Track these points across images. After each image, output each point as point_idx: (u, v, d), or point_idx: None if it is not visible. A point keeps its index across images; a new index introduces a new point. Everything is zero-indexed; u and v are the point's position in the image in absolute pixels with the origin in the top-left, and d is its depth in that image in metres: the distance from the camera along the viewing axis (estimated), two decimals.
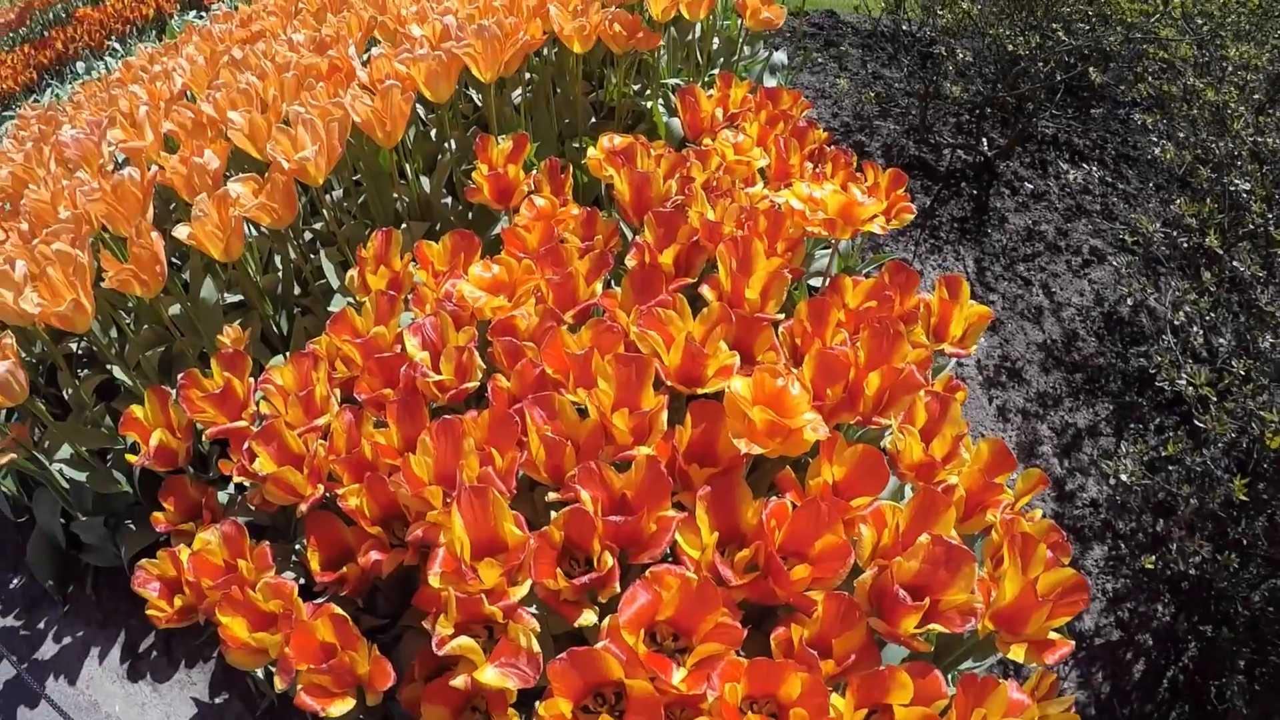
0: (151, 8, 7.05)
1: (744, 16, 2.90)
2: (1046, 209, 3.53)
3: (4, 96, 7.01)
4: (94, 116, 2.93)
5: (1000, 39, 3.23)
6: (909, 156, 3.70)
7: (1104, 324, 3.15)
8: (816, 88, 4.23)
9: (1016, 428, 2.87)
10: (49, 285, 1.99)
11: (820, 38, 4.81)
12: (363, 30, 2.73)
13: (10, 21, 9.91)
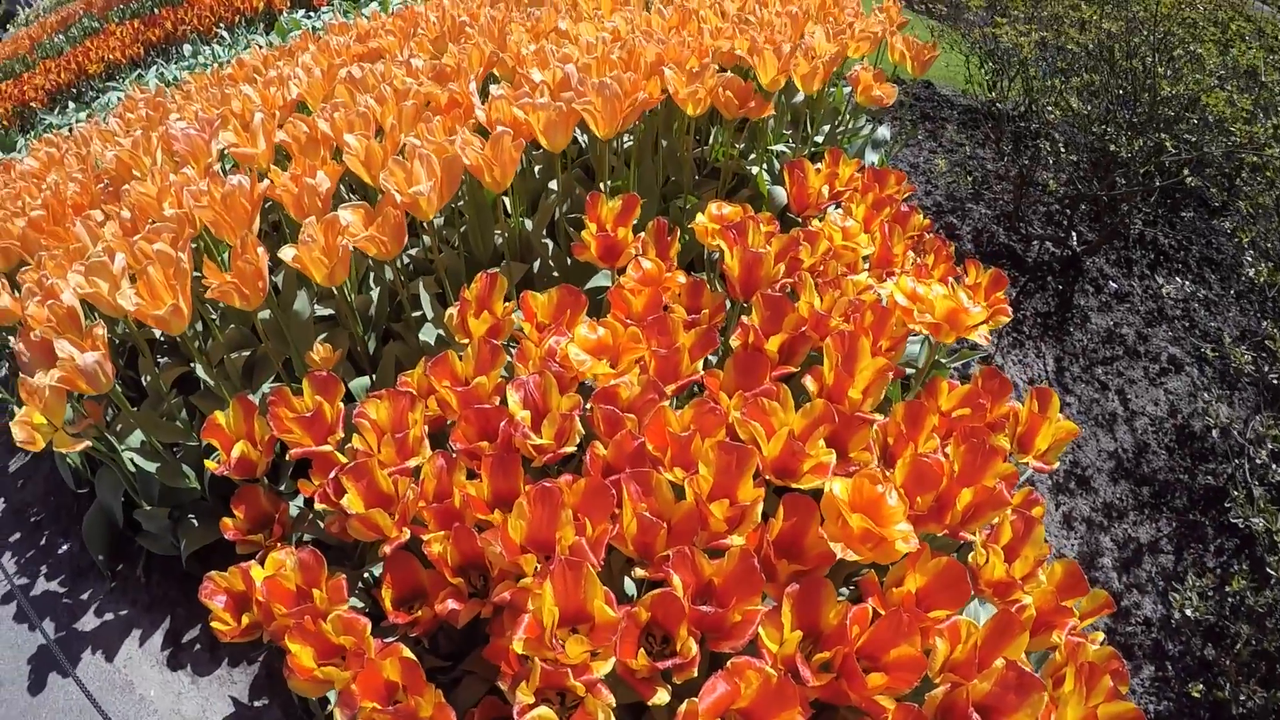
0: (263, 1, 7.22)
1: (855, 91, 2.91)
2: (1129, 311, 3.50)
3: (110, 68, 7.20)
4: (205, 113, 2.99)
5: (1103, 138, 3.20)
6: (998, 244, 3.68)
7: (1176, 437, 3.10)
8: (911, 162, 4.24)
9: (1080, 537, 2.83)
10: (148, 284, 2.03)
11: (917, 109, 4.81)
12: (483, 65, 2.76)
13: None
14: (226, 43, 6.68)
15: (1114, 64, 3.36)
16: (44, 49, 9.63)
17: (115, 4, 10.02)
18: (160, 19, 7.69)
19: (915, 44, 3.17)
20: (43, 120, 6.76)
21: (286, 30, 6.28)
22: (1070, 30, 3.57)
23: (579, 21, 3.15)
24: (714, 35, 2.95)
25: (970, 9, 4.58)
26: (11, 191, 3.26)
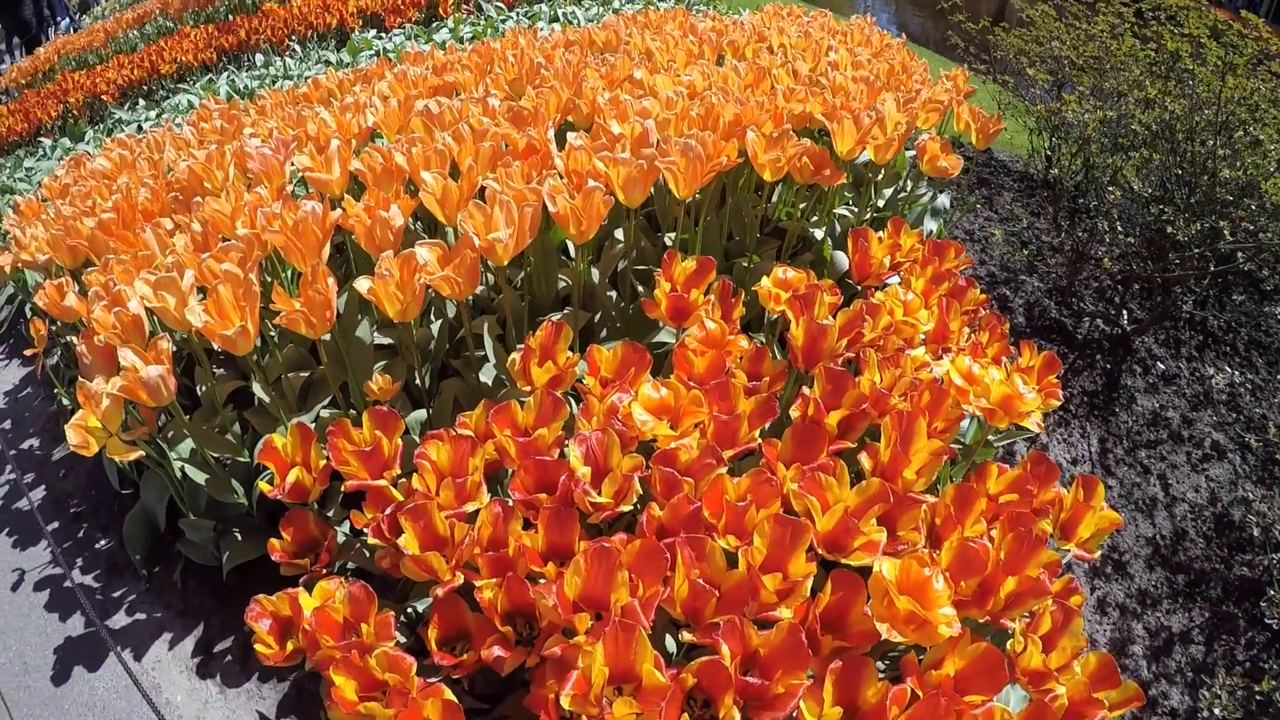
0: (335, 19, 7.35)
1: (920, 159, 2.93)
2: (1175, 394, 3.48)
3: (182, 69, 7.35)
4: (281, 133, 3.05)
5: (1160, 219, 3.20)
6: (1049, 319, 3.68)
7: (1214, 525, 3.08)
8: (966, 229, 4.25)
9: (1113, 623, 2.81)
10: (217, 303, 2.07)
11: (974, 174, 4.82)
12: (559, 110, 2.81)
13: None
14: (298, 56, 6.80)
15: (1175, 144, 3.37)
16: (118, 44, 9.85)
17: (190, 6, 10.24)
18: (235, 26, 7.83)
19: (981, 116, 3.20)
20: (112, 114, 6.88)
21: (357, 49, 6.39)
22: (1134, 108, 3.58)
23: (654, 73, 3.19)
24: (787, 96, 2.98)
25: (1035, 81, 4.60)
26: (82, 190, 3.32)
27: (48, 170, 5.71)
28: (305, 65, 6.28)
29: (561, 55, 3.47)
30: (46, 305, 2.65)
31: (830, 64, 3.58)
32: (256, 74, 6.42)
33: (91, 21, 14.07)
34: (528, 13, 7.06)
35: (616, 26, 4.02)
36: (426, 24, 7.31)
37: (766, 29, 4.22)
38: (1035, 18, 4.72)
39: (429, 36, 6.50)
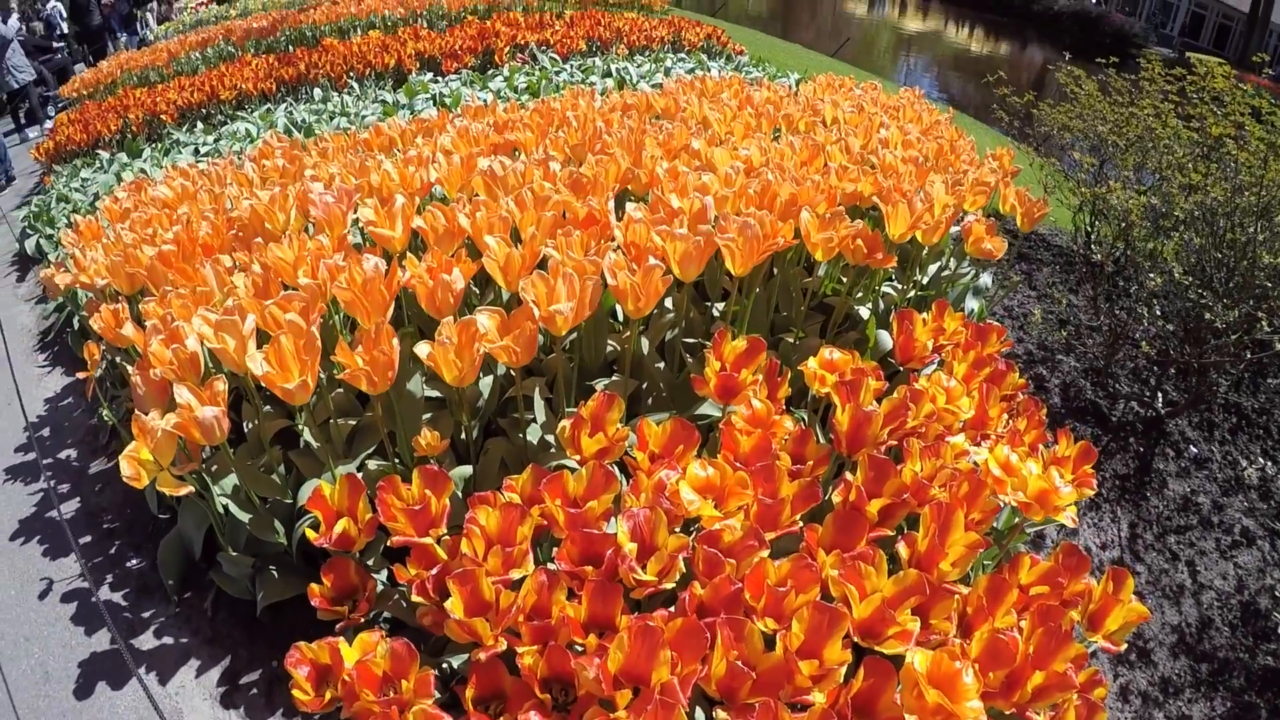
0: (394, 59, 7.51)
1: (966, 240, 2.98)
2: (1206, 478, 3.48)
3: (241, 96, 7.51)
4: (344, 181, 3.14)
5: (1199, 304, 3.22)
6: (1085, 400, 3.69)
7: (1240, 613, 3.06)
8: (1005, 305, 4.28)
9: (1134, 710, 2.80)
10: (278, 352, 2.12)
11: (1014, 248, 4.85)
12: (618, 180, 2.88)
13: (263, 29, 10.68)
14: (355, 94, 6.95)
15: (1215, 227, 3.40)
16: (180, 65, 10.10)
17: (253, 35, 10.51)
18: (295, 59, 8.01)
19: (1026, 200, 3.25)
20: (170, 134, 7.04)
21: (414, 91, 6.52)
22: (1176, 192, 3.61)
23: (712, 144, 3.27)
24: (840, 175, 3.05)
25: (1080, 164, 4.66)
26: (143, 216, 3.40)
27: (104, 184, 5.87)
28: (363, 104, 6.41)
29: (620, 119, 3.56)
30: (101, 330, 2.73)
31: (881, 141, 3.66)
32: (314, 108, 6.55)
33: (154, 40, 14.48)
34: (581, 65, 7.20)
35: (675, 94, 4.11)
36: (482, 70, 7.46)
37: (820, 101, 4.31)
38: (1079, 93, 4.78)
39: (484, 84, 6.63)
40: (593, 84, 6.43)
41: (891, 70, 22.83)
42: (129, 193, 4.02)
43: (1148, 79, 4.49)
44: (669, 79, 5.09)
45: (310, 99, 7.24)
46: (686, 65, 7.44)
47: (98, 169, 6.58)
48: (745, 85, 4.64)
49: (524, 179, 2.85)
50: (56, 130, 7.72)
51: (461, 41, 7.86)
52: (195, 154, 6.21)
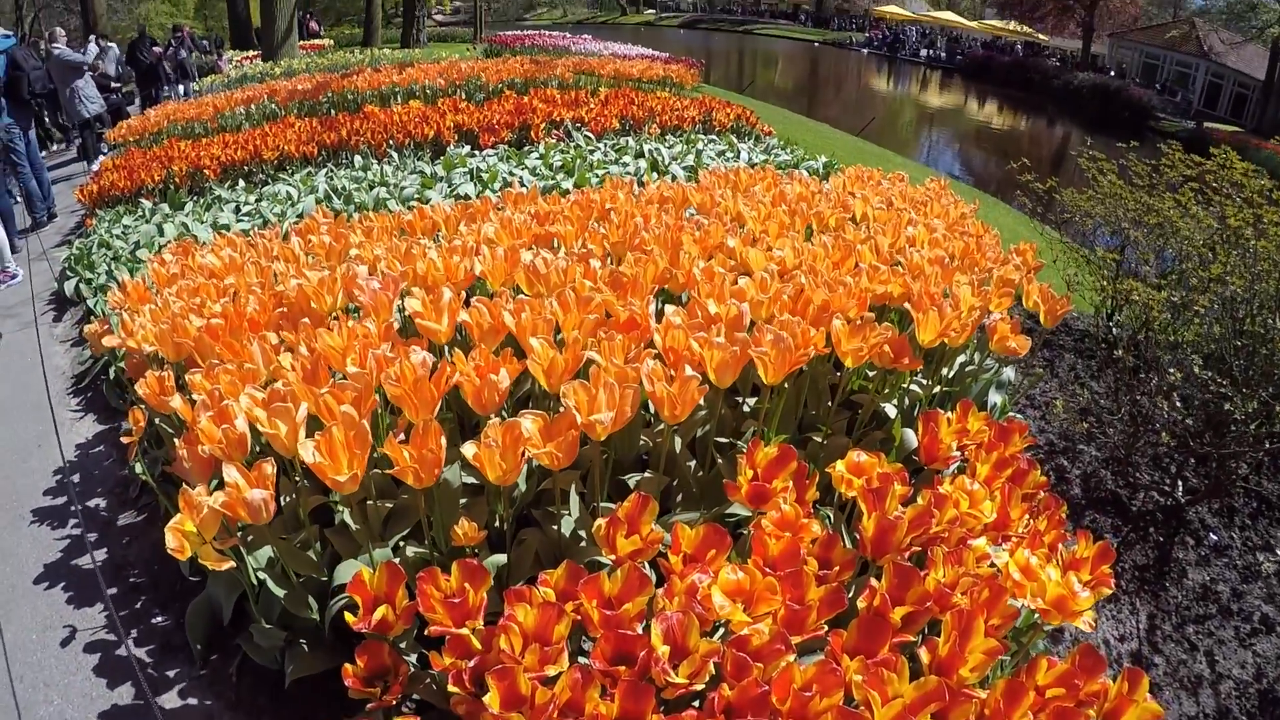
0: (433, 131, 7.74)
1: (990, 339, 3.08)
2: (1226, 566, 3.49)
3: (283, 157, 7.73)
4: (390, 267, 3.26)
5: (1219, 396, 3.28)
6: (1105, 490, 3.73)
7: (1259, 701, 3.06)
8: (1027, 394, 4.34)
9: None
10: (329, 443, 2.20)
11: (1036, 334, 4.93)
12: (656, 280, 3.00)
13: (307, 91, 11.01)
14: (395, 164, 7.15)
15: (1235, 316, 3.48)
16: (224, 120, 10.40)
17: (296, 97, 10.83)
18: (337, 124, 8.25)
19: (1050, 296, 3.35)
20: (212, 190, 7.23)
21: (452, 164, 6.72)
22: (1195, 284, 3.71)
23: (746, 243, 3.40)
24: (870, 277, 3.16)
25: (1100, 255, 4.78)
26: (190, 284, 3.51)
27: (145, 234, 6.02)
28: (402, 174, 6.60)
29: (657, 213, 3.70)
30: (146, 395, 2.82)
31: (909, 240, 3.79)
32: (354, 175, 6.74)
33: (198, 92, 14.93)
34: (615, 145, 7.39)
35: (710, 189, 4.26)
36: (518, 146, 7.67)
37: (851, 196, 4.47)
38: (1100, 181, 4.92)
39: (521, 160, 6.82)
40: (625, 164, 6.61)
41: (914, 146, 23.18)
42: (175, 256, 4.13)
43: (1168, 164, 4.64)
44: (703, 170, 5.23)
45: (350, 165, 7.45)
46: (717, 147, 7.63)
47: (139, 217, 6.76)
48: (778, 179, 4.79)
49: (566, 276, 2.96)
50: (101, 174, 7.92)
51: (499, 116, 8.10)
52: (236, 211, 6.39)
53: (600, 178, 6.18)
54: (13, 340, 5.55)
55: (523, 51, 20.11)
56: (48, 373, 4.93)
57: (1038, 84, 39.76)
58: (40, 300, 6.29)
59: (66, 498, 3.65)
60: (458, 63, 12.11)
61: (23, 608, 3.03)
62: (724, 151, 7.49)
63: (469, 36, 33.72)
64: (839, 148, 11.30)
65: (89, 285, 5.60)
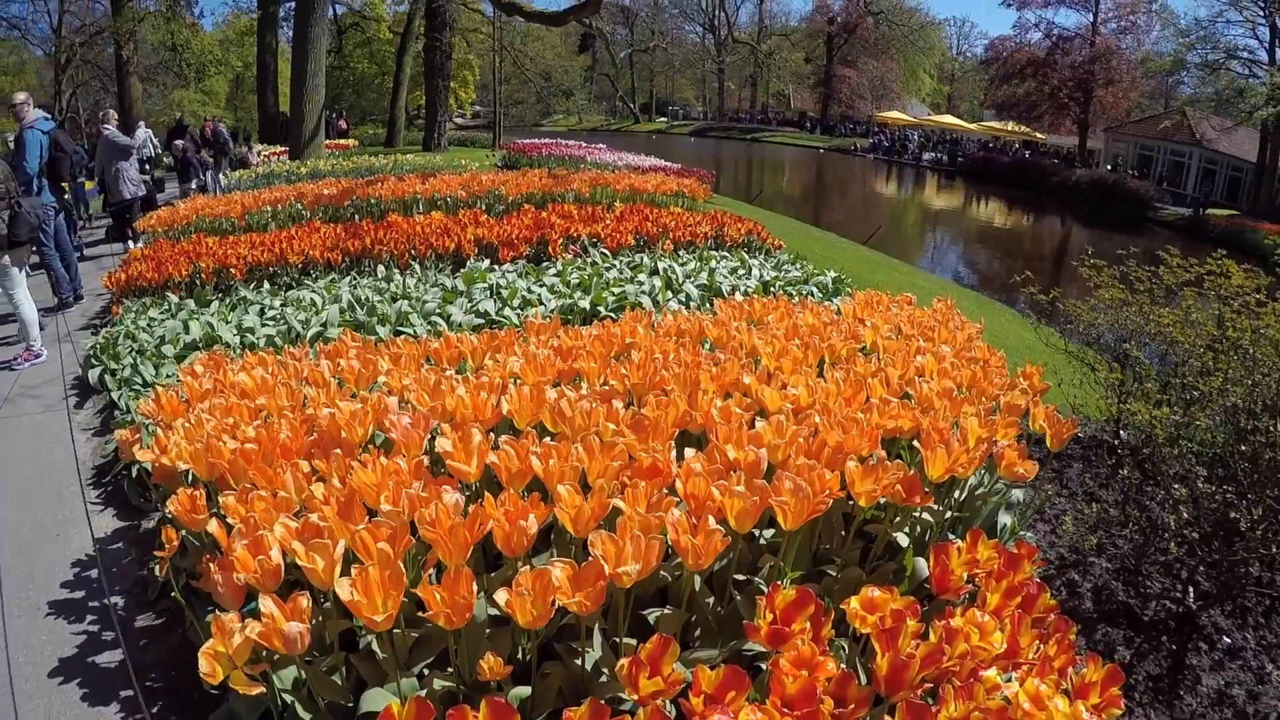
0: (454, 243, 7.98)
1: (999, 466, 3.22)
2: (1241, 668, 3.49)
3: (308, 262, 7.94)
4: (418, 398, 3.41)
5: (1226, 506, 3.34)
6: (1116, 602, 3.75)
7: None
8: (1035, 507, 4.39)
9: None
10: (365, 582, 2.30)
11: (1043, 446, 5.01)
12: (677, 423, 3.14)
13: (333, 196, 11.32)
14: (417, 276, 7.36)
15: (1237, 423, 3.58)
16: (251, 219, 10.70)
17: (322, 201, 11.14)
18: (361, 231, 8.49)
19: (1055, 420, 3.51)
20: (237, 290, 7.42)
21: (473, 279, 6.93)
22: (1197, 396, 3.82)
23: (762, 382, 3.57)
24: (881, 412, 3.32)
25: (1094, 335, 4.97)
26: (222, 403, 3.64)
27: (170, 330, 6.17)
28: (424, 288, 6.80)
29: (675, 346, 3.86)
30: (179, 514, 2.92)
31: (918, 369, 3.97)
32: (377, 286, 6.94)
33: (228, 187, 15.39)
34: (630, 263, 7.62)
35: (726, 323, 4.44)
36: (536, 261, 7.91)
37: (861, 324, 4.69)
38: (1100, 288, 5.10)
39: (539, 276, 7.03)
40: (641, 282, 6.81)
41: (920, 250, 23.56)
42: (206, 369, 4.26)
43: (1168, 269, 4.84)
44: (718, 300, 5.42)
45: (373, 273, 7.67)
46: (730, 263, 7.85)
47: (165, 311, 6.93)
48: (791, 310, 4.98)
49: (590, 419, 3.10)
50: (129, 263, 8.09)
51: (518, 231, 8.35)
52: (261, 314, 6.57)
53: (616, 296, 6.37)
54: (35, 422, 5.65)
55: (540, 162, 20.77)
56: (68, 461, 4.99)
57: (1037, 182, 40.85)
58: (62, 384, 6.41)
59: (85, 592, 3.66)
60: (478, 175, 12.50)
61: (36, 702, 3.04)
62: (736, 269, 7.70)
63: (488, 142, 34.69)
64: (847, 258, 11.57)
65: (113, 377, 5.71)
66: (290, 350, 4.48)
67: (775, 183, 38.74)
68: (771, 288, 7.20)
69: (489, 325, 5.99)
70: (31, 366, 6.83)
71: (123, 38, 32.20)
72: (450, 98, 35.80)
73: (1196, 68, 37.86)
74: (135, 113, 31.03)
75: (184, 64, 39.73)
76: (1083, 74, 45.56)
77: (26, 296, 7.01)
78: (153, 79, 42.44)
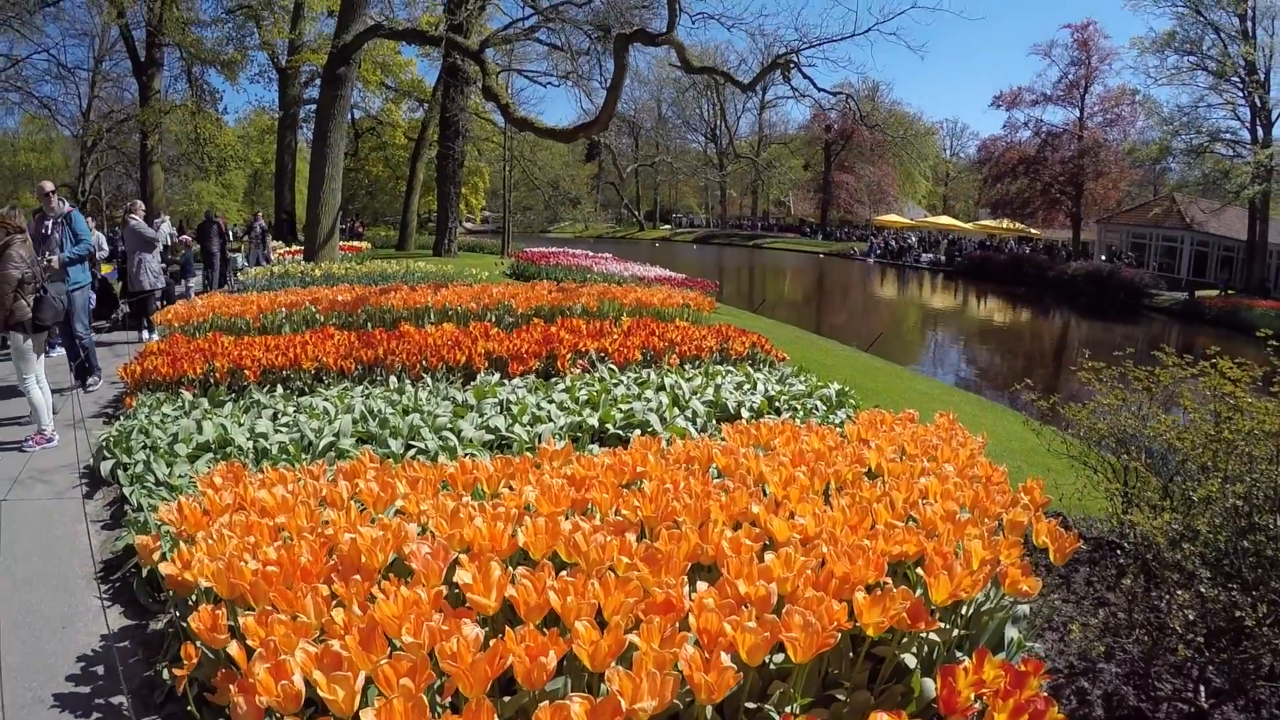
0: (465, 356, 8.16)
1: (1003, 583, 3.32)
2: None
3: (321, 369, 8.09)
4: (436, 526, 3.53)
5: (1231, 607, 3.39)
6: (1128, 708, 3.74)
7: None
8: (1043, 617, 4.41)
9: None
10: (388, 711, 2.38)
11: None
12: (688, 557, 3.25)
13: (347, 303, 11.58)
14: (428, 388, 7.51)
15: (1240, 526, 3.66)
16: (266, 320, 10.93)
17: (337, 308, 11.40)
18: (375, 340, 8.65)
19: (1058, 534, 3.64)
20: (251, 394, 7.52)
21: (483, 394, 7.08)
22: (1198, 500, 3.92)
23: (770, 511, 3.69)
24: (886, 538, 3.46)
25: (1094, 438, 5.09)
26: (243, 520, 3.74)
27: (184, 429, 6.25)
28: (435, 401, 6.95)
29: (684, 475, 4.01)
30: (199, 631, 3.00)
31: (921, 492, 4.10)
32: (390, 398, 7.07)
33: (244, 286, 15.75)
34: (638, 379, 7.80)
35: (735, 451, 4.58)
36: (545, 375, 8.09)
37: (865, 444, 4.89)
38: (1100, 394, 5.24)
39: (548, 393, 7.19)
40: (648, 399, 6.97)
41: (923, 351, 23.77)
42: (226, 481, 4.37)
43: (1163, 367, 5.01)
44: (726, 426, 5.57)
45: (385, 383, 7.82)
46: (735, 378, 8.01)
47: (179, 408, 7.03)
48: (797, 433, 5.15)
49: (604, 553, 3.20)
50: (145, 356, 8.21)
51: (527, 345, 8.54)
52: (274, 419, 6.67)
53: (624, 413, 6.52)
54: (44, 508, 5.68)
55: (548, 272, 21.36)
56: (76, 553, 4.98)
57: (1034, 277, 41.62)
58: (72, 470, 6.46)
59: (90, 689, 3.63)
60: (489, 287, 12.81)
61: None
62: (742, 383, 7.86)
63: (497, 248, 35.41)
64: (850, 367, 11.75)
65: (125, 471, 5.73)
66: (308, 468, 4.58)
67: (777, 289, 39.32)
68: (776, 402, 7.35)
69: (499, 441, 6.12)
70: (43, 450, 6.93)
71: (149, 127, 33.50)
72: (460, 203, 36.67)
73: (1182, 153, 39.03)
74: (156, 201, 31.94)
75: (206, 157, 40.95)
76: (1073, 168, 47.00)
77: (43, 380, 7.19)
78: (175, 169, 43.93)
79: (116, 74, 40.63)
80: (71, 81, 39.34)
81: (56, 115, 40.58)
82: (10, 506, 5.68)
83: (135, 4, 32.27)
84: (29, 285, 6.94)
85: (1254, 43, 36.27)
